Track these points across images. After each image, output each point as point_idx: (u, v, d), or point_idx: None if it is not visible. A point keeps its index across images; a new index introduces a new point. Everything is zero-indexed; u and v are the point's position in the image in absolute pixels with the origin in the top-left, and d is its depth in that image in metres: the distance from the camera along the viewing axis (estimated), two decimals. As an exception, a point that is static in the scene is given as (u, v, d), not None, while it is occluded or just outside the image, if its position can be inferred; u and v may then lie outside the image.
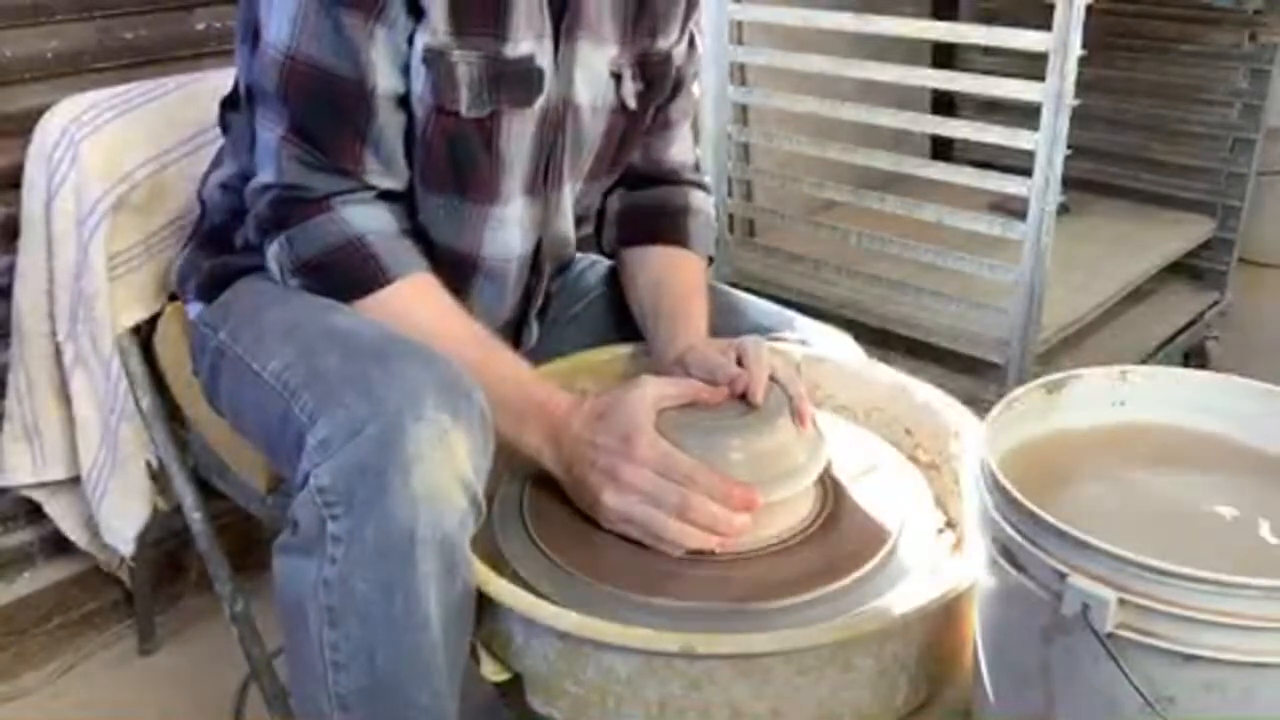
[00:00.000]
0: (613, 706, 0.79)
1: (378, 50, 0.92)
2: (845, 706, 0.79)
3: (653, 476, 0.87)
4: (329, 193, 0.96)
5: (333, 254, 0.95)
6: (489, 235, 1.03)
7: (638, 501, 0.88)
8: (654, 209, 1.18)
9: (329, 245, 0.95)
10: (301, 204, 0.96)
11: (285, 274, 0.97)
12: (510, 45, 0.95)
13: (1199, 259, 2.13)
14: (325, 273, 0.96)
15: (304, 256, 0.96)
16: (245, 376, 0.96)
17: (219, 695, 1.42)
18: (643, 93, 1.07)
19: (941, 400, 1.04)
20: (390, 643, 0.81)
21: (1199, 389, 0.80)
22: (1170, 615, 0.60)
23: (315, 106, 0.94)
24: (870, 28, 1.65)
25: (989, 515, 0.69)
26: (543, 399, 0.93)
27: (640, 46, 1.06)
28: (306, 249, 0.96)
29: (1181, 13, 2.08)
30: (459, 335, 0.95)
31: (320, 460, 0.81)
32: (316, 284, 0.96)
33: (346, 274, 0.95)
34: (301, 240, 0.96)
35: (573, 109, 1.02)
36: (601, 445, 0.89)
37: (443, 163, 0.98)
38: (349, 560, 0.80)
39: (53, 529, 1.43)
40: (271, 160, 0.96)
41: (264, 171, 0.97)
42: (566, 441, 0.91)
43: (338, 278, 0.96)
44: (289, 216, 0.96)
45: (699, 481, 0.87)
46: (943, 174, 1.66)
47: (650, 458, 0.87)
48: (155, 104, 1.27)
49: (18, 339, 1.31)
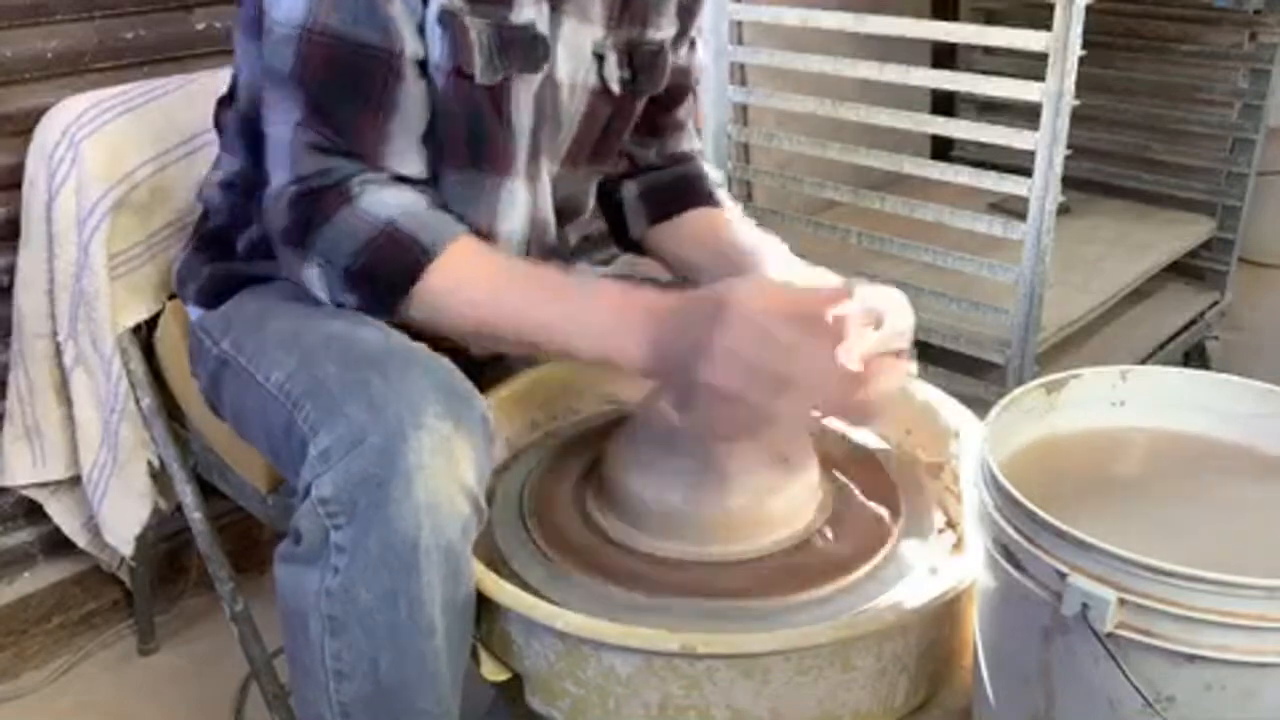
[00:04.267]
0: (613, 706, 0.79)
1: (397, 9, 0.89)
2: (845, 706, 0.79)
3: (752, 344, 0.80)
4: (348, 176, 0.90)
5: (367, 250, 0.89)
6: (502, 210, 1.01)
7: (735, 372, 0.80)
8: (675, 181, 1.21)
9: (361, 241, 0.89)
10: (322, 197, 0.90)
11: (336, 292, 0.91)
12: (515, 11, 0.94)
13: (1199, 259, 2.13)
14: (371, 276, 0.90)
15: (343, 264, 0.90)
16: (249, 387, 0.95)
17: (219, 695, 1.42)
18: (629, 80, 1.07)
19: (941, 400, 1.04)
20: (394, 651, 0.81)
21: (1199, 389, 0.80)
22: (1170, 615, 0.60)
23: (334, 84, 0.90)
24: (870, 28, 1.64)
25: (989, 515, 0.69)
26: (637, 295, 0.88)
27: (629, 33, 1.05)
28: (342, 255, 0.89)
29: (1181, 13, 2.08)
30: (520, 278, 0.92)
31: (322, 470, 0.80)
32: (368, 293, 0.91)
33: (389, 268, 0.89)
34: (333, 245, 0.89)
35: (551, 85, 1.01)
36: (696, 314, 0.82)
37: (461, 134, 0.96)
38: (352, 570, 0.80)
39: (53, 529, 1.43)
40: (285, 155, 0.91)
41: (278, 172, 0.92)
42: (666, 322, 0.85)
43: (382, 276, 0.90)
44: (312, 216, 0.90)
45: (802, 348, 0.80)
46: (943, 174, 1.66)
47: (749, 326, 0.80)
48: (155, 104, 1.27)
49: (18, 339, 1.31)
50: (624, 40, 1.05)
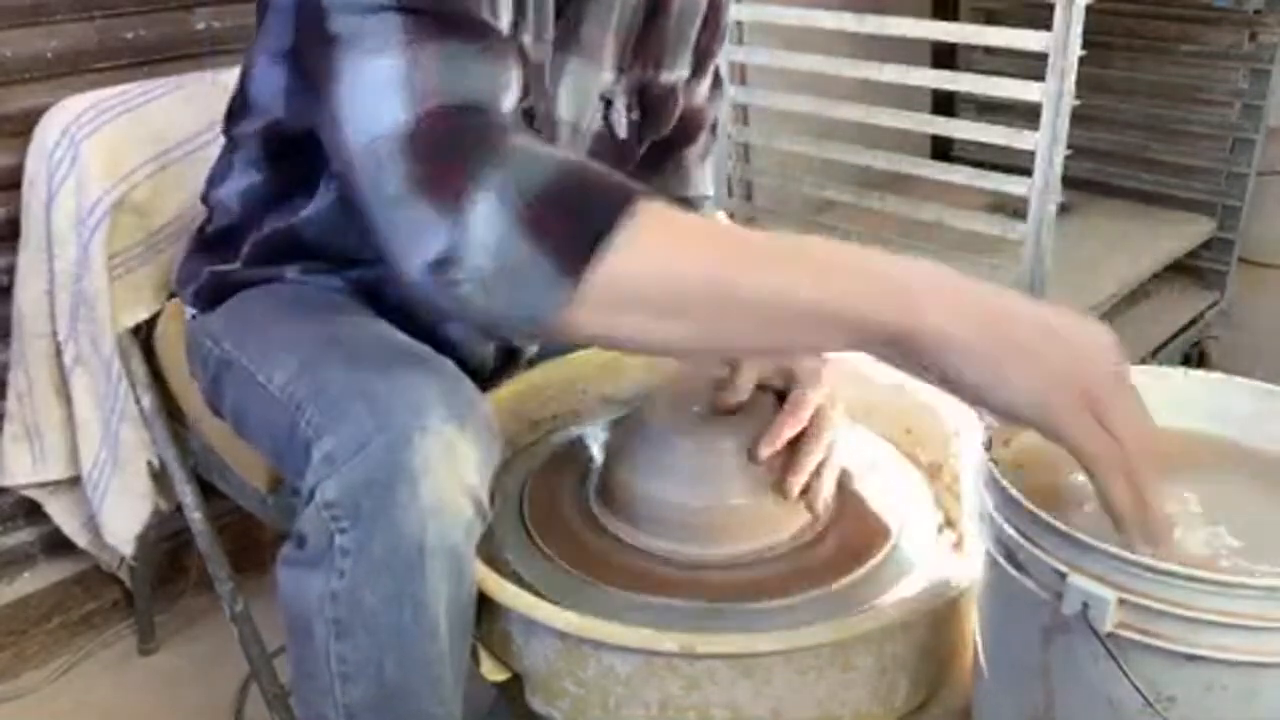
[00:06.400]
0: (613, 706, 0.79)
1: None
2: (845, 706, 0.79)
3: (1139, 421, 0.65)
4: (492, 87, 0.75)
5: (567, 175, 0.71)
6: None
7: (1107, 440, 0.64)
8: None
9: (554, 166, 0.71)
10: (482, 116, 0.73)
11: (513, 236, 0.69)
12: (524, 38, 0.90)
13: (1199, 259, 2.13)
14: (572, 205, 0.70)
15: (536, 189, 0.69)
16: (251, 389, 0.95)
17: (219, 695, 1.42)
18: (638, 123, 1.04)
19: (941, 400, 1.04)
20: (399, 653, 0.81)
21: (1199, 389, 0.80)
22: (1170, 615, 0.60)
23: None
24: (870, 28, 1.65)
25: (989, 515, 0.69)
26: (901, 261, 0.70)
27: (641, 75, 1.02)
28: (534, 178, 0.70)
29: (1181, 13, 2.08)
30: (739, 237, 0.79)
31: (326, 474, 0.80)
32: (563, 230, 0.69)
33: (600, 196, 0.70)
34: (520, 169, 0.70)
35: (551, 125, 0.98)
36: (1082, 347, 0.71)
37: None
38: (357, 573, 0.80)
39: (53, 529, 1.43)
40: (398, 85, 0.72)
41: (386, 110, 0.72)
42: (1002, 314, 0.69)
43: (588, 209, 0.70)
44: (474, 140, 0.71)
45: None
46: (943, 174, 1.66)
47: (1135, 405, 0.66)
48: (155, 104, 1.27)
49: (18, 339, 1.31)
50: (635, 82, 1.02)
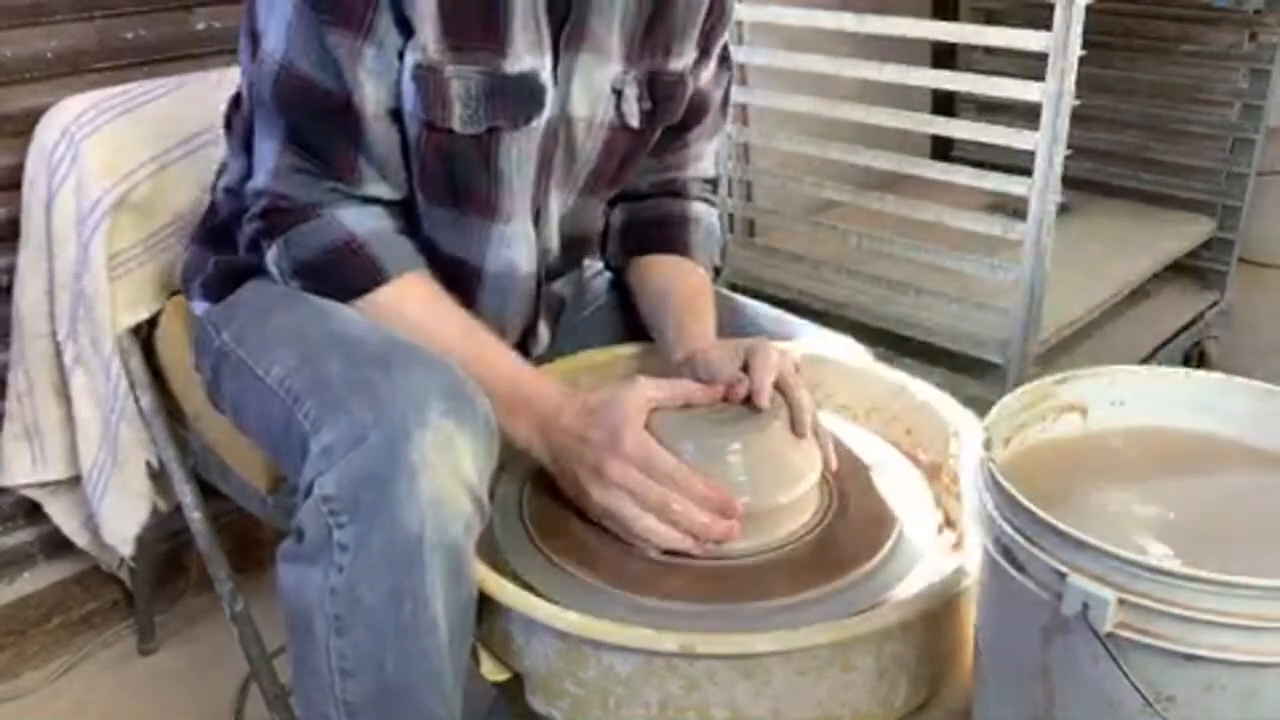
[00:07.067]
0: (613, 706, 0.79)
1: (365, 68, 0.91)
2: (845, 707, 0.79)
3: (636, 473, 0.87)
4: (319, 202, 0.96)
5: (330, 255, 0.96)
6: (492, 251, 1.03)
7: (619, 495, 0.87)
8: (654, 220, 1.17)
9: (325, 246, 0.96)
10: (294, 209, 0.96)
11: (285, 276, 0.98)
12: (510, 61, 0.93)
13: (1199, 259, 2.13)
14: (322, 274, 0.97)
15: (302, 258, 0.97)
16: (249, 381, 0.95)
17: (219, 695, 1.42)
18: (650, 111, 1.05)
19: (941, 400, 1.04)
20: (399, 649, 0.81)
21: (1199, 389, 0.80)
22: (1170, 615, 0.60)
23: (308, 118, 0.94)
24: (870, 28, 1.65)
25: (989, 515, 0.69)
26: (532, 392, 0.93)
27: (650, 65, 1.03)
28: (303, 251, 0.96)
29: (1181, 13, 2.08)
30: (452, 330, 0.95)
31: (324, 468, 0.80)
32: (314, 285, 0.97)
33: (343, 275, 0.96)
34: (299, 243, 0.96)
35: (566, 122, 1.00)
36: (590, 439, 0.89)
37: (439, 178, 0.98)
38: (356, 568, 0.80)
39: (53, 529, 1.43)
40: (269, 164, 0.96)
41: (259, 175, 0.97)
42: (555, 433, 0.91)
43: (334, 279, 0.96)
44: (279, 224, 0.97)
45: (679, 482, 0.87)
46: (943, 174, 1.66)
47: (636, 455, 0.87)
48: (155, 104, 1.27)
49: (18, 339, 1.31)
50: (644, 71, 1.03)
